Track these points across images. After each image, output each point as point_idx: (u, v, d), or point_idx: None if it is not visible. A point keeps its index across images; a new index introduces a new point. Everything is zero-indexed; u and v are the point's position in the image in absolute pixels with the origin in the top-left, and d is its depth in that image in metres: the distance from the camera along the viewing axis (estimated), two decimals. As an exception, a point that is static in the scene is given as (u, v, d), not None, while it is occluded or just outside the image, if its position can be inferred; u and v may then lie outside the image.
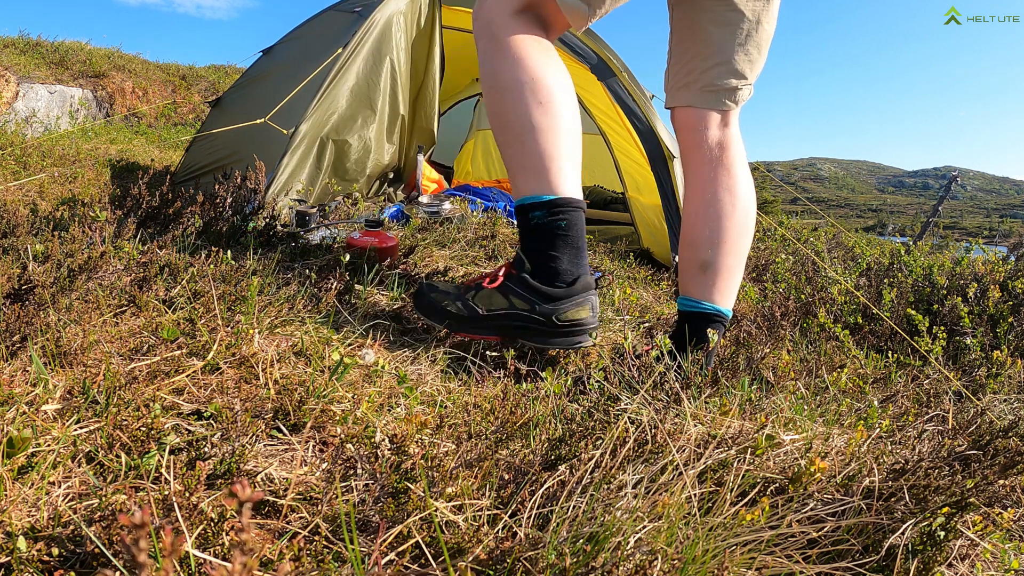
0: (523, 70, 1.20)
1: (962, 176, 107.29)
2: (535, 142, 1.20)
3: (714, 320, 1.30)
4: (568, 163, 1.22)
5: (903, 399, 1.33)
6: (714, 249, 1.30)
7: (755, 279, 2.88)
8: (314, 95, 2.44)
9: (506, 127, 1.23)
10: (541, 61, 1.22)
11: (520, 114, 1.20)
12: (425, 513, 0.69)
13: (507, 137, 1.23)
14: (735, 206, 1.31)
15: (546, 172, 1.20)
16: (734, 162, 1.33)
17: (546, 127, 1.20)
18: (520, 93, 1.20)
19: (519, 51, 1.21)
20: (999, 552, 0.81)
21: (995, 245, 4.28)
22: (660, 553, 0.66)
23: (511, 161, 1.24)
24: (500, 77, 1.23)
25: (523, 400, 1.00)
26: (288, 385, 0.93)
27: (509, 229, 2.53)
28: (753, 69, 1.35)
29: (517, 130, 1.21)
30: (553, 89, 1.21)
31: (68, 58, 6.38)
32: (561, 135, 1.21)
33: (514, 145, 1.22)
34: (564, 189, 1.21)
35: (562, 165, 1.21)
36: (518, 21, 1.24)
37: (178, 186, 2.81)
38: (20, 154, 3.29)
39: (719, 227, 1.31)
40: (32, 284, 1.02)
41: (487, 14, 1.26)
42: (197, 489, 0.65)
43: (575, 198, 1.22)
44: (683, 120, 1.38)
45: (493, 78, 1.24)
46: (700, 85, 1.33)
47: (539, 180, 1.20)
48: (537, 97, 1.20)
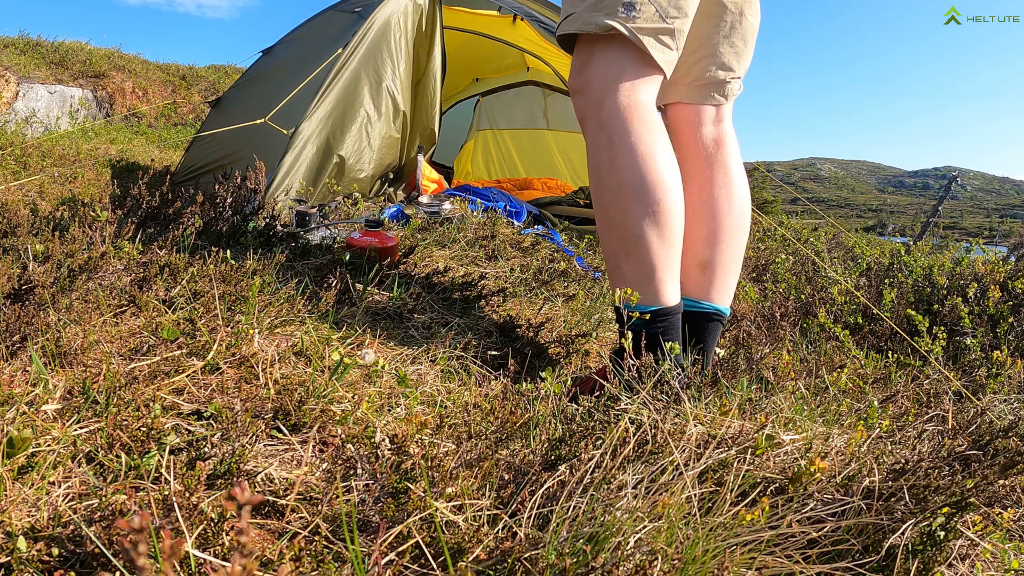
0: (635, 172, 1.13)
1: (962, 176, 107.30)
2: (643, 253, 1.15)
3: (713, 319, 1.30)
4: (671, 271, 1.18)
5: (903, 399, 1.33)
6: (712, 248, 1.30)
7: (755, 279, 2.88)
8: (314, 95, 2.44)
9: (614, 231, 1.18)
10: (656, 158, 1.14)
11: (629, 224, 1.15)
12: (425, 513, 0.69)
13: (613, 242, 1.19)
14: (732, 204, 1.31)
15: (650, 283, 1.16)
16: (730, 160, 1.32)
17: (653, 239, 1.14)
18: (629, 202, 1.14)
19: (634, 147, 1.14)
20: (999, 552, 0.81)
21: (995, 245, 4.28)
22: (660, 553, 0.66)
23: (615, 264, 1.20)
24: (612, 176, 1.16)
25: (523, 400, 1.00)
26: (288, 385, 0.93)
27: (509, 229, 2.53)
28: (740, 62, 1.34)
29: (625, 238, 1.16)
30: (664, 194, 1.14)
31: (68, 58, 6.38)
32: (667, 244, 1.16)
33: (620, 252, 1.18)
34: (666, 299, 1.18)
35: (665, 276, 1.17)
36: (631, 106, 1.15)
37: (178, 186, 2.81)
38: (20, 154, 3.29)
39: (716, 226, 1.30)
40: (32, 284, 1.02)
41: (597, 96, 1.17)
42: (197, 489, 0.65)
43: (674, 306, 1.19)
44: (676, 117, 1.36)
45: (603, 175, 1.17)
46: (689, 80, 1.33)
47: (643, 290, 1.16)
48: (647, 206, 1.13)
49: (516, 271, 2.00)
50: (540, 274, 1.92)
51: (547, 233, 2.64)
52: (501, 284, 1.84)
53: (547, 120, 5.15)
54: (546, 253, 2.34)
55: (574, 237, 2.90)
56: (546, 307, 1.75)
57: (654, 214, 1.14)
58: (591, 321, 1.68)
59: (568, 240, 2.81)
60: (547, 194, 4.24)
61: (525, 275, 1.92)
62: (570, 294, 1.86)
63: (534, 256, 2.28)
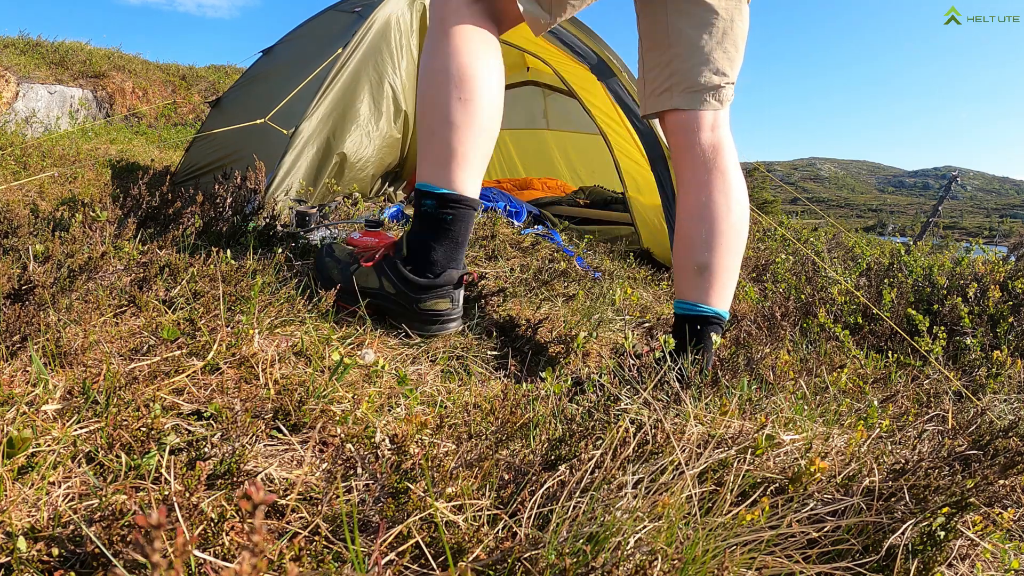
0: (455, 62, 1.22)
1: (962, 176, 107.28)
2: (446, 135, 1.23)
3: (712, 322, 1.30)
4: (473, 163, 1.25)
5: (903, 399, 1.33)
6: (710, 252, 1.30)
7: (755, 279, 2.88)
8: (314, 95, 2.44)
9: (424, 113, 1.26)
10: (477, 55, 1.24)
11: (440, 104, 1.23)
12: (425, 513, 0.69)
13: (424, 122, 1.26)
14: (730, 208, 1.31)
15: (448, 166, 1.24)
16: (727, 165, 1.33)
17: (460, 124, 1.22)
18: (446, 84, 1.22)
19: (458, 41, 1.23)
20: (999, 552, 0.81)
21: (995, 245, 4.28)
22: (660, 553, 0.66)
23: (422, 144, 1.28)
24: (432, 62, 1.25)
25: (523, 400, 1.00)
26: (288, 385, 0.93)
27: (509, 229, 2.53)
28: (733, 67, 1.36)
29: (434, 119, 1.24)
30: (478, 86, 1.23)
31: (68, 58, 6.38)
32: (473, 134, 1.23)
33: (427, 132, 1.26)
34: (460, 186, 1.24)
35: (465, 164, 1.24)
36: (470, 10, 1.25)
37: (178, 186, 2.81)
38: (20, 154, 3.29)
39: (714, 230, 1.31)
40: (32, 284, 1.02)
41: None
42: (197, 489, 0.65)
43: (469, 197, 1.26)
44: (674, 123, 1.38)
45: (426, 60, 1.26)
46: (684, 86, 1.34)
47: (440, 171, 1.24)
48: (460, 92, 1.22)
49: (516, 271, 2.00)
50: (540, 274, 1.92)
51: (547, 233, 2.64)
52: (501, 284, 1.84)
53: (547, 120, 5.16)
54: (546, 253, 2.34)
55: (574, 237, 2.90)
56: (546, 307, 1.75)
57: (464, 101, 1.22)
58: (591, 321, 1.68)
59: (568, 240, 2.81)
60: (547, 194, 4.24)
61: (525, 275, 1.92)
62: (570, 294, 1.86)
63: (534, 256, 2.28)
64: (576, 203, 3.74)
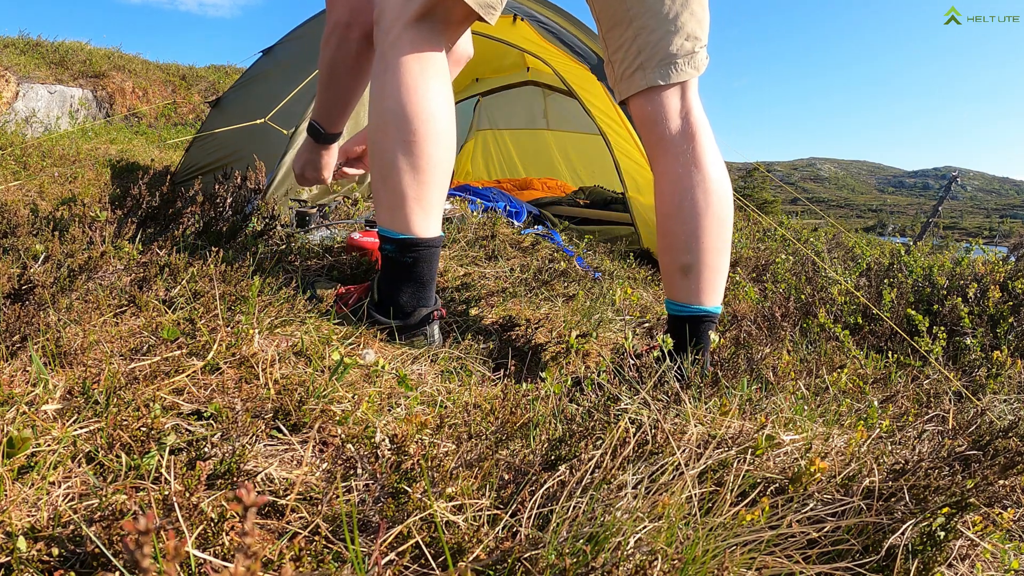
0: (396, 101, 1.19)
1: (962, 176, 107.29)
2: (395, 181, 1.20)
3: (704, 320, 1.28)
4: (429, 201, 1.23)
5: (903, 399, 1.33)
6: (693, 251, 1.25)
7: (755, 279, 2.88)
8: (314, 95, 2.43)
9: (373, 158, 1.25)
10: (417, 89, 1.20)
11: (386, 149, 1.21)
12: (425, 513, 0.69)
13: (373, 167, 1.25)
14: (709, 202, 1.25)
15: (401, 210, 1.22)
16: (702, 154, 1.26)
17: (408, 167, 1.20)
18: (389, 127, 1.20)
19: (399, 76, 1.20)
20: (999, 552, 0.81)
21: (995, 245, 4.28)
22: (660, 553, 0.66)
23: (375, 189, 1.26)
24: (377, 104, 1.23)
25: (523, 400, 1.00)
26: (288, 385, 0.93)
27: (509, 229, 2.53)
28: (702, 28, 1.28)
29: (381, 163, 1.22)
30: (423, 121, 1.20)
31: (68, 58, 6.38)
32: (424, 173, 1.21)
33: (378, 178, 1.24)
34: (417, 229, 1.22)
35: (419, 206, 1.22)
36: (410, 35, 1.21)
37: (178, 186, 2.81)
38: (20, 154, 3.29)
39: (696, 226, 1.25)
40: (32, 284, 1.02)
41: (385, 24, 1.23)
42: (197, 489, 0.65)
43: (428, 238, 1.24)
44: (640, 108, 1.30)
45: (371, 101, 1.24)
46: (658, 59, 1.25)
47: (394, 217, 1.22)
48: (404, 134, 1.19)
49: (516, 271, 2.00)
50: (540, 274, 1.92)
51: (547, 233, 2.64)
52: (501, 284, 1.84)
53: (547, 120, 5.16)
54: (546, 253, 2.34)
55: (574, 237, 2.90)
56: (546, 307, 1.75)
57: (407, 143, 1.19)
58: (591, 321, 1.68)
59: (568, 240, 2.81)
60: (547, 194, 4.24)
61: (525, 275, 1.92)
62: (570, 294, 1.86)
63: (534, 256, 2.28)
64: (576, 203, 3.74)
